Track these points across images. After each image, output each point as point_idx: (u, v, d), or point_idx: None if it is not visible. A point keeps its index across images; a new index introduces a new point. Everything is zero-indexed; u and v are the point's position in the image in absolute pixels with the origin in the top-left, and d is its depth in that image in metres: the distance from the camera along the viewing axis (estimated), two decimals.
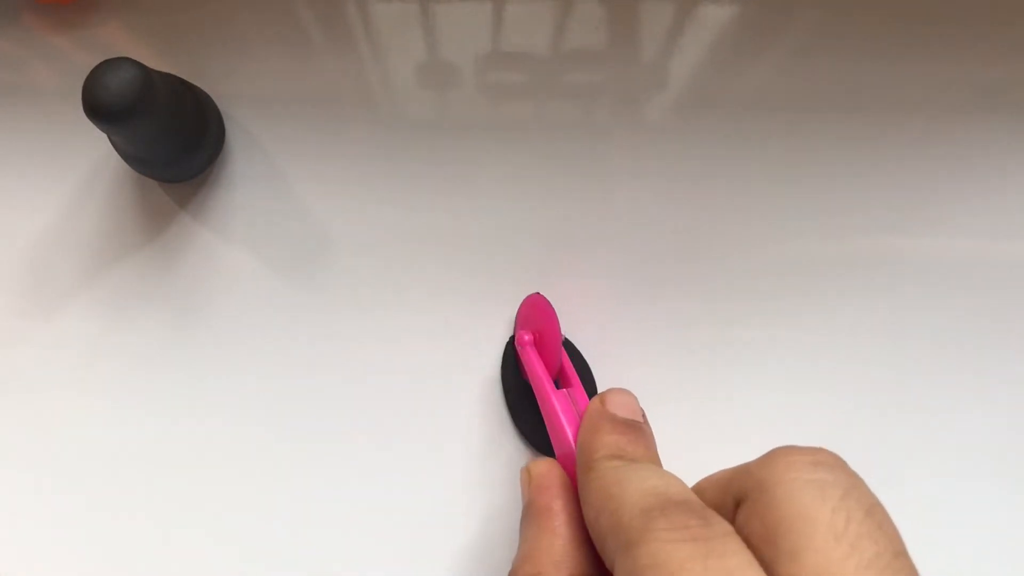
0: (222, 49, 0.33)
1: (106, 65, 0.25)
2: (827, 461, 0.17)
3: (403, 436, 0.30)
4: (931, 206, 0.31)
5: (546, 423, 0.25)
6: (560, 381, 0.27)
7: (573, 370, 0.27)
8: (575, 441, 0.23)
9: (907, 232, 0.31)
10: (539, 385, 0.26)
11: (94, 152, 0.32)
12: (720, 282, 0.31)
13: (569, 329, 0.30)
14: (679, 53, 0.32)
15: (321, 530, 0.29)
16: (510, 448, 0.30)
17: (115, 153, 0.30)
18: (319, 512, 0.29)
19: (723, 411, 0.30)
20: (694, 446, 0.30)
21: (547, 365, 0.27)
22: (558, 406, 0.24)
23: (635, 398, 0.23)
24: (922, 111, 0.32)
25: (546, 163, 0.32)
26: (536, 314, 0.28)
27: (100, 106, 0.25)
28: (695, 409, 0.30)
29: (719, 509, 0.18)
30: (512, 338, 0.30)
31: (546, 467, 0.23)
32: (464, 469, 0.30)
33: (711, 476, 0.20)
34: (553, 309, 0.27)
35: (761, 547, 0.16)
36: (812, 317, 0.31)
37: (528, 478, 0.23)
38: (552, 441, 0.25)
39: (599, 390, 0.30)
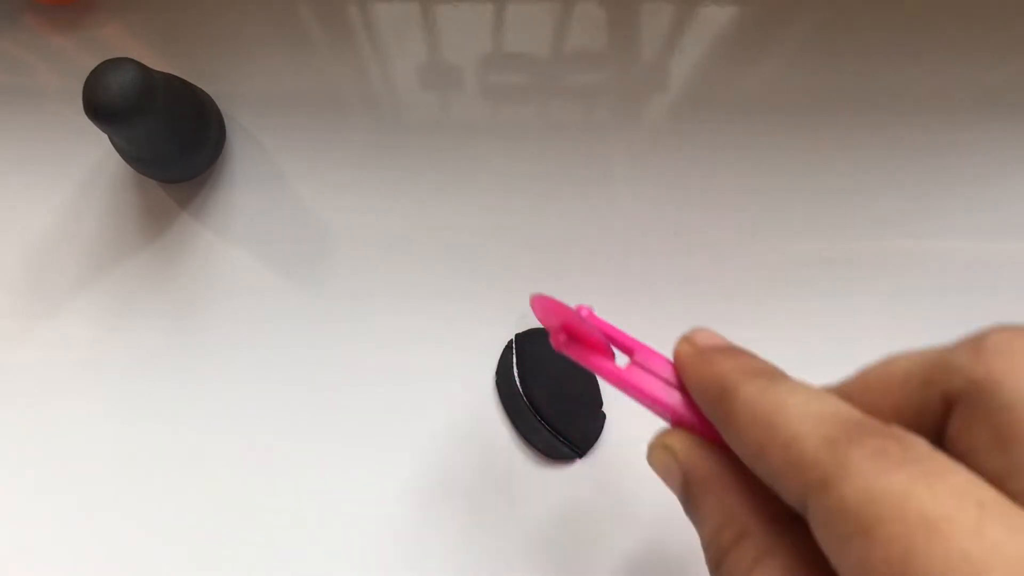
0: (222, 49, 0.33)
1: (107, 65, 0.25)
2: None
3: (402, 437, 0.30)
4: (931, 206, 0.31)
5: (642, 404, 0.22)
6: (624, 351, 0.23)
7: (625, 334, 0.23)
8: (677, 405, 0.20)
9: (907, 232, 0.31)
10: (606, 375, 0.23)
11: (94, 152, 0.32)
12: (720, 282, 0.31)
13: None
14: (679, 54, 0.32)
15: (319, 531, 0.29)
16: (508, 449, 0.30)
17: (115, 153, 0.30)
18: (317, 512, 0.29)
19: None
20: None
21: (597, 348, 0.24)
22: (635, 381, 0.21)
23: (720, 334, 0.21)
24: (923, 111, 0.32)
25: (546, 163, 0.32)
26: (547, 313, 0.27)
27: (101, 106, 0.25)
28: None
29: (922, 410, 0.16)
30: (512, 340, 0.30)
31: (683, 436, 0.20)
32: (463, 469, 0.30)
33: (876, 373, 0.17)
34: (554, 300, 0.25)
35: (990, 458, 0.14)
36: (812, 317, 0.30)
37: (671, 454, 0.20)
38: (659, 416, 0.22)
39: (601, 390, 0.30)
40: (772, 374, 0.18)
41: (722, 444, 0.19)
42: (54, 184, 0.32)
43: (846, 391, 0.18)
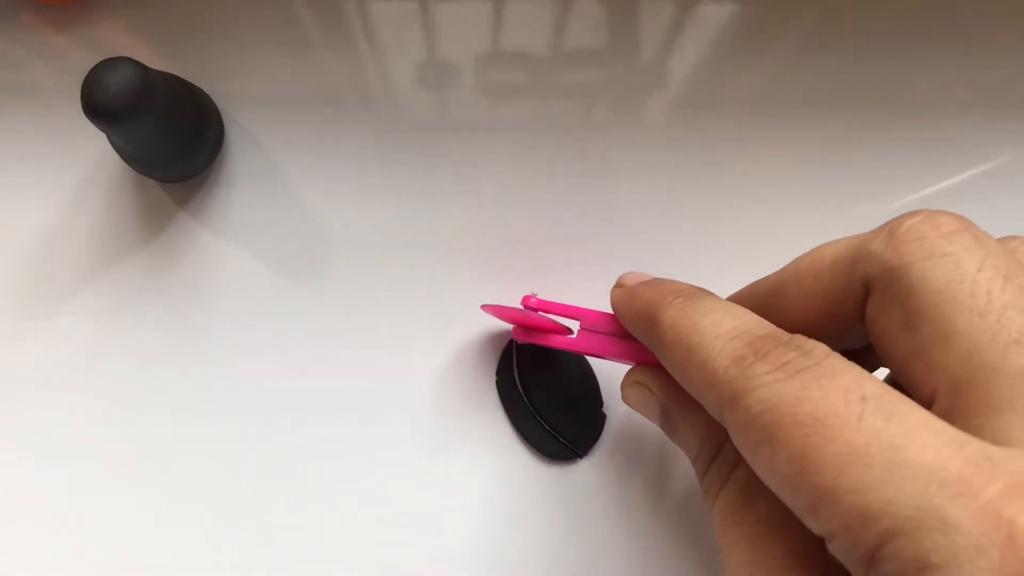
0: (222, 49, 0.32)
1: (105, 64, 0.25)
2: (952, 227, 0.16)
3: (401, 436, 0.30)
4: (931, 206, 0.31)
5: (609, 360, 0.24)
6: (578, 321, 0.25)
7: (565, 305, 0.25)
8: (635, 344, 0.22)
9: None
10: (567, 349, 0.25)
11: (93, 152, 0.32)
12: (720, 281, 0.31)
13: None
14: (679, 52, 0.32)
15: (317, 529, 0.29)
16: (507, 449, 0.30)
17: (114, 153, 0.30)
18: (316, 511, 0.29)
19: None
20: None
21: (548, 329, 0.26)
22: (590, 344, 0.23)
23: (647, 274, 0.22)
24: (922, 111, 0.32)
25: (546, 162, 0.32)
26: (502, 317, 0.28)
27: (99, 106, 0.25)
28: None
29: (844, 296, 0.17)
30: (512, 340, 0.30)
31: (647, 370, 0.22)
32: (460, 470, 0.30)
33: (805, 264, 0.19)
34: (496, 305, 0.27)
35: (899, 339, 0.15)
36: None
37: (644, 387, 0.21)
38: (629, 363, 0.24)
39: (600, 389, 0.30)
40: (690, 294, 0.19)
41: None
42: (52, 183, 0.32)
43: (781, 279, 0.19)
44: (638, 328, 0.21)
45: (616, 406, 0.30)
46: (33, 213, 0.32)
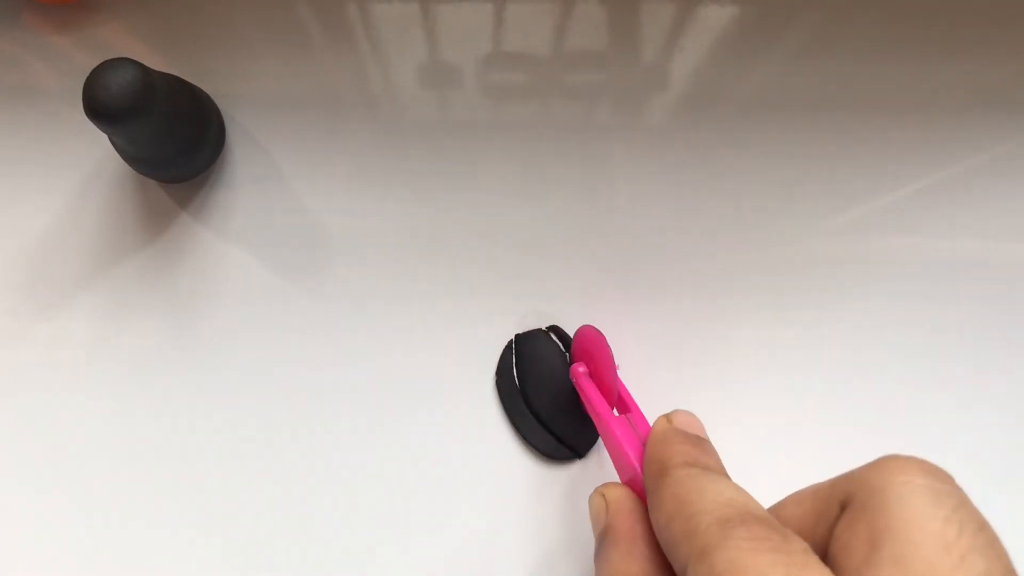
0: (222, 49, 0.33)
1: (106, 65, 0.25)
2: (939, 473, 0.17)
3: (400, 436, 0.30)
4: (931, 206, 0.31)
5: (608, 451, 0.25)
6: (619, 409, 0.27)
7: (631, 397, 0.27)
8: (640, 464, 0.23)
9: (908, 232, 0.31)
10: (596, 413, 0.26)
11: (94, 152, 0.32)
12: (720, 281, 0.31)
13: (568, 327, 0.30)
14: (680, 54, 0.32)
15: (317, 529, 0.29)
16: (506, 449, 0.30)
17: (115, 153, 0.30)
18: (315, 512, 0.29)
19: (722, 409, 0.30)
20: None
21: (604, 394, 0.26)
22: (618, 432, 0.24)
23: (700, 420, 0.23)
24: (922, 111, 0.32)
25: (546, 163, 0.32)
26: (587, 345, 0.28)
27: (100, 106, 0.25)
28: (694, 407, 0.30)
29: (820, 518, 0.18)
30: (512, 340, 0.30)
31: (622, 491, 0.23)
32: (460, 469, 0.30)
33: (803, 489, 0.19)
34: (605, 339, 0.27)
35: (863, 552, 0.16)
36: (812, 316, 0.30)
37: (604, 503, 0.22)
38: (616, 468, 0.25)
39: None
40: (708, 466, 0.21)
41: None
42: (54, 184, 0.32)
43: (779, 504, 0.20)
44: (648, 468, 0.21)
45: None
46: (34, 214, 0.32)
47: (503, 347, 0.30)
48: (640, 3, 0.32)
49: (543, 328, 0.30)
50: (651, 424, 0.24)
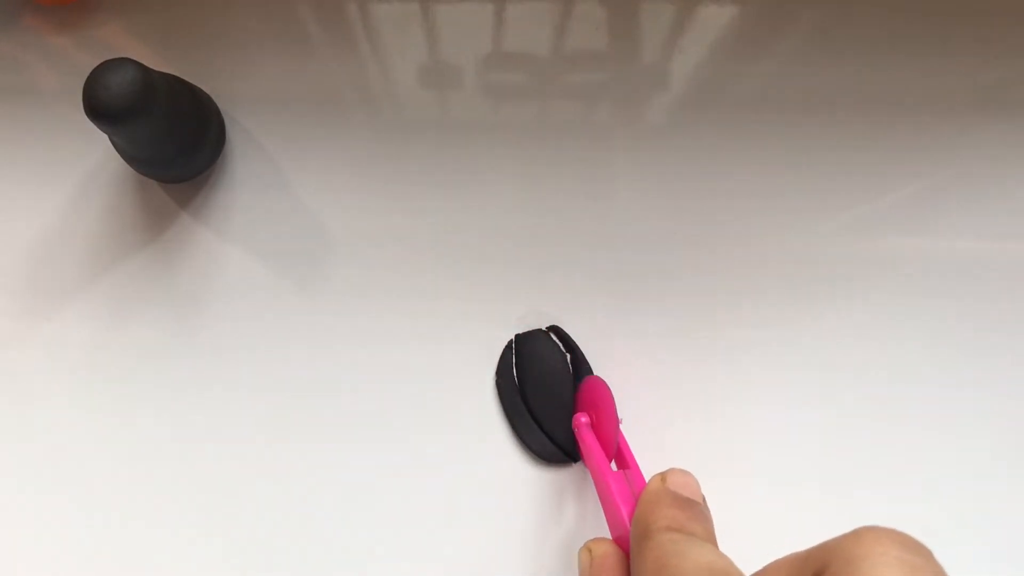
0: (222, 49, 0.33)
1: (106, 66, 0.25)
2: (917, 546, 0.17)
3: (399, 436, 0.30)
4: (931, 206, 0.31)
5: (602, 504, 0.25)
6: (617, 463, 0.27)
7: (631, 453, 0.27)
8: (631, 519, 0.23)
9: (908, 232, 0.31)
10: (594, 466, 0.26)
11: (95, 152, 0.32)
12: (720, 281, 0.31)
13: (568, 327, 0.30)
14: (679, 53, 0.32)
15: (316, 530, 0.29)
16: (504, 450, 0.30)
17: (116, 153, 0.30)
18: (315, 512, 0.29)
19: (723, 410, 0.30)
20: (694, 445, 0.30)
21: (604, 446, 0.27)
22: (614, 487, 0.24)
23: (696, 479, 0.23)
24: (922, 111, 0.32)
25: (547, 163, 0.32)
26: (593, 396, 0.28)
27: (101, 106, 0.25)
28: (694, 407, 0.30)
29: None
30: (512, 340, 0.30)
31: (607, 547, 0.23)
32: (459, 470, 0.30)
33: (781, 559, 0.20)
34: (610, 393, 0.27)
35: None
36: (812, 316, 0.30)
37: (589, 558, 0.23)
38: (608, 522, 0.25)
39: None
40: (693, 532, 0.21)
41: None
42: (54, 184, 0.32)
43: (759, 572, 0.21)
44: (634, 528, 0.22)
45: None
46: (34, 214, 0.32)
47: (503, 347, 0.30)
48: (640, 3, 0.32)
49: (543, 328, 0.30)
50: (637, 483, 0.25)
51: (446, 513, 0.29)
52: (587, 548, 0.23)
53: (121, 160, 0.31)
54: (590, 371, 0.30)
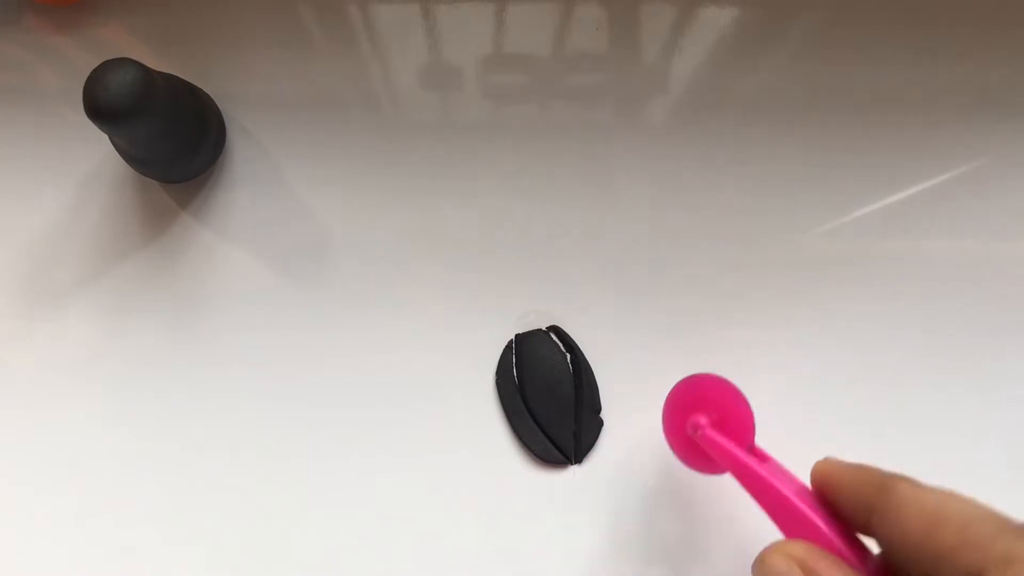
0: (223, 50, 0.33)
1: (107, 66, 0.25)
2: None
3: (399, 436, 0.30)
4: (931, 206, 0.31)
5: (763, 505, 0.23)
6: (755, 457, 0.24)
7: (762, 450, 0.24)
8: (814, 511, 0.21)
9: (908, 232, 0.31)
10: (740, 464, 0.23)
11: (95, 153, 0.32)
12: (720, 282, 0.31)
13: (568, 327, 0.30)
14: (680, 55, 0.32)
15: (316, 530, 0.29)
16: (504, 450, 0.30)
17: (116, 154, 0.30)
18: (315, 512, 0.29)
19: None
20: None
21: (736, 442, 0.24)
22: (774, 481, 0.22)
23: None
24: (922, 112, 0.32)
25: (547, 164, 0.32)
26: (707, 393, 0.26)
27: (101, 107, 0.25)
28: None
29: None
30: (512, 340, 0.30)
31: (803, 545, 0.21)
32: (458, 470, 0.30)
33: (985, 508, 0.20)
34: (733, 386, 0.25)
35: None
36: (813, 316, 0.30)
37: (789, 560, 0.20)
38: (781, 523, 0.22)
39: (600, 389, 0.30)
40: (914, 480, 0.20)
41: (842, 555, 0.20)
42: (54, 184, 0.32)
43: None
44: (859, 490, 0.21)
45: (614, 413, 0.30)
46: (35, 214, 0.32)
47: (503, 347, 0.30)
48: (640, 3, 0.32)
49: (543, 328, 0.30)
50: (784, 469, 0.23)
51: (445, 513, 0.29)
52: (779, 553, 0.20)
53: (121, 160, 0.31)
54: (590, 371, 0.30)
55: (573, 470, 0.30)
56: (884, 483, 0.20)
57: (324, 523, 0.29)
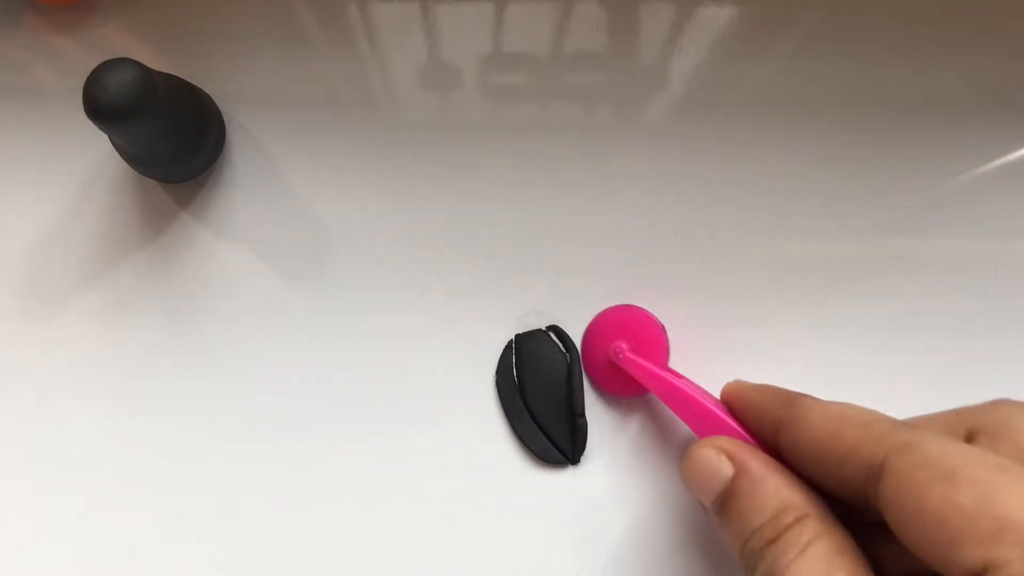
0: (223, 49, 0.33)
1: (107, 66, 0.25)
2: None
3: (398, 436, 0.30)
4: (932, 206, 0.31)
5: (685, 417, 0.25)
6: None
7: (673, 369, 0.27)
8: (733, 420, 0.23)
9: (908, 233, 0.31)
10: (657, 379, 0.26)
11: (95, 153, 0.32)
12: (720, 282, 0.31)
13: (568, 327, 0.30)
14: (680, 54, 0.32)
15: (316, 530, 0.29)
16: (504, 450, 0.30)
17: (116, 153, 0.30)
18: (315, 512, 0.30)
19: None
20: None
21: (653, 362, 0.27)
22: (691, 391, 0.25)
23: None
24: (922, 111, 0.32)
25: (547, 164, 0.32)
26: (622, 323, 0.29)
27: (101, 107, 0.25)
28: None
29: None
30: (512, 340, 0.30)
31: (728, 438, 0.23)
32: (458, 470, 0.30)
33: (931, 414, 0.22)
34: (650, 315, 0.28)
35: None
36: (813, 317, 0.30)
37: (717, 452, 0.22)
38: (702, 433, 0.24)
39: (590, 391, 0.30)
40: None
41: (765, 449, 0.22)
42: (54, 184, 0.32)
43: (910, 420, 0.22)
44: (771, 403, 0.23)
45: (614, 412, 0.30)
46: (35, 214, 0.32)
47: (503, 347, 0.30)
48: (640, 3, 0.32)
49: (543, 328, 0.30)
50: (700, 386, 0.25)
51: (445, 513, 0.29)
52: (710, 447, 0.22)
53: (121, 160, 0.31)
54: (580, 373, 0.30)
55: (573, 469, 0.30)
56: (791, 397, 0.22)
57: (324, 522, 0.29)
